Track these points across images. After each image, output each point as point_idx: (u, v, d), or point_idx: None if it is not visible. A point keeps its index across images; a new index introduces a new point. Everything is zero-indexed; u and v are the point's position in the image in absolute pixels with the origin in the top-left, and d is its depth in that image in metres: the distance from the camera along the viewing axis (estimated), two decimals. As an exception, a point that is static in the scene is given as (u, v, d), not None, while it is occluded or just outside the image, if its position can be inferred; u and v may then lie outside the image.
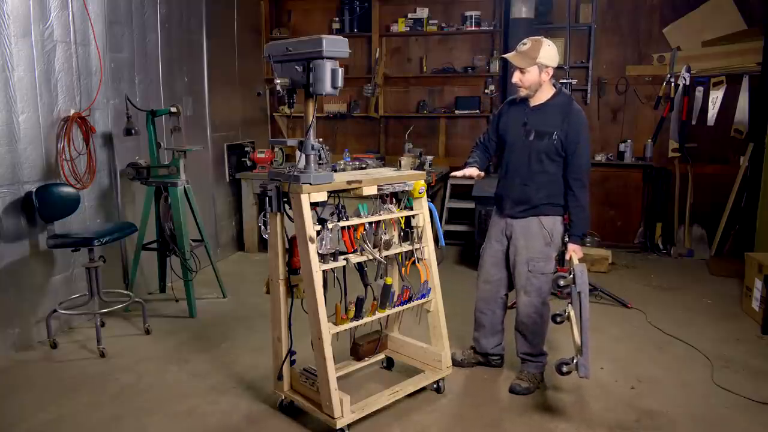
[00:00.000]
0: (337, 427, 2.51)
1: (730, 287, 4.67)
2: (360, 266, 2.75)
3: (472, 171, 3.10)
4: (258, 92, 6.39)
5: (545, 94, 2.92)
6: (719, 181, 5.57)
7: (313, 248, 2.44)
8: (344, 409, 2.51)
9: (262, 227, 2.66)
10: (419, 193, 2.85)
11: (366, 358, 3.14)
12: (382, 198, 2.78)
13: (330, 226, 2.53)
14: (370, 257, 2.69)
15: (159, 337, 3.76)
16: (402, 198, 2.88)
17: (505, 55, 2.97)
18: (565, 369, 2.67)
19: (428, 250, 2.90)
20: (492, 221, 3.18)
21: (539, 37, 2.88)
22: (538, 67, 2.83)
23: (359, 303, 2.65)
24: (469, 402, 2.95)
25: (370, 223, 2.71)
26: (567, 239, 2.95)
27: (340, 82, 2.37)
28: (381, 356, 3.24)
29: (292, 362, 2.80)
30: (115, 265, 4.28)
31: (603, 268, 5.12)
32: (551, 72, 2.87)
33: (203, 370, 3.29)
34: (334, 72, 2.35)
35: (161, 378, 3.20)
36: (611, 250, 5.41)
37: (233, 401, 2.94)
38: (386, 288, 2.75)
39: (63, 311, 3.60)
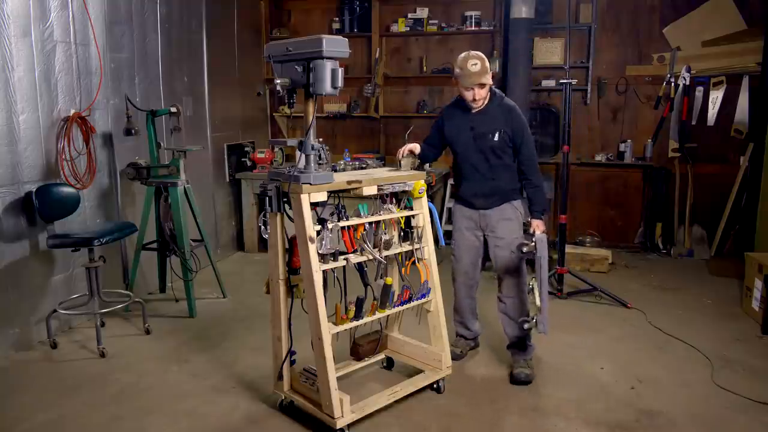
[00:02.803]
0: (337, 427, 2.52)
1: (730, 287, 4.67)
2: (360, 266, 2.75)
3: (411, 146, 3.16)
4: (258, 92, 6.38)
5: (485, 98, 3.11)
6: (719, 181, 5.56)
7: (313, 248, 2.44)
8: (344, 409, 2.51)
9: (262, 227, 2.66)
10: (419, 193, 2.85)
11: (366, 358, 3.14)
12: (382, 198, 2.78)
13: (330, 226, 2.53)
14: (370, 257, 2.70)
15: (159, 337, 3.76)
16: (402, 198, 2.88)
17: (474, 80, 2.95)
18: (526, 326, 2.95)
19: (428, 250, 2.91)
20: (460, 214, 3.27)
21: (475, 52, 2.99)
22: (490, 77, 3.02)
23: (359, 303, 2.65)
24: (468, 402, 2.95)
25: (370, 223, 2.71)
26: (530, 217, 3.17)
27: (340, 82, 2.38)
28: (381, 356, 3.24)
29: (292, 362, 2.80)
30: (115, 265, 4.27)
31: (603, 268, 5.11)
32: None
33: (203, 370, 3.29)
34: (334, 72, 2.36)
35: (161, 378, 3.20)
36: (611, 250, 5.40)
37: (233, 401, 2.94)
38: (386, 288, 2.75)
39: (63, 311, 3.60)
